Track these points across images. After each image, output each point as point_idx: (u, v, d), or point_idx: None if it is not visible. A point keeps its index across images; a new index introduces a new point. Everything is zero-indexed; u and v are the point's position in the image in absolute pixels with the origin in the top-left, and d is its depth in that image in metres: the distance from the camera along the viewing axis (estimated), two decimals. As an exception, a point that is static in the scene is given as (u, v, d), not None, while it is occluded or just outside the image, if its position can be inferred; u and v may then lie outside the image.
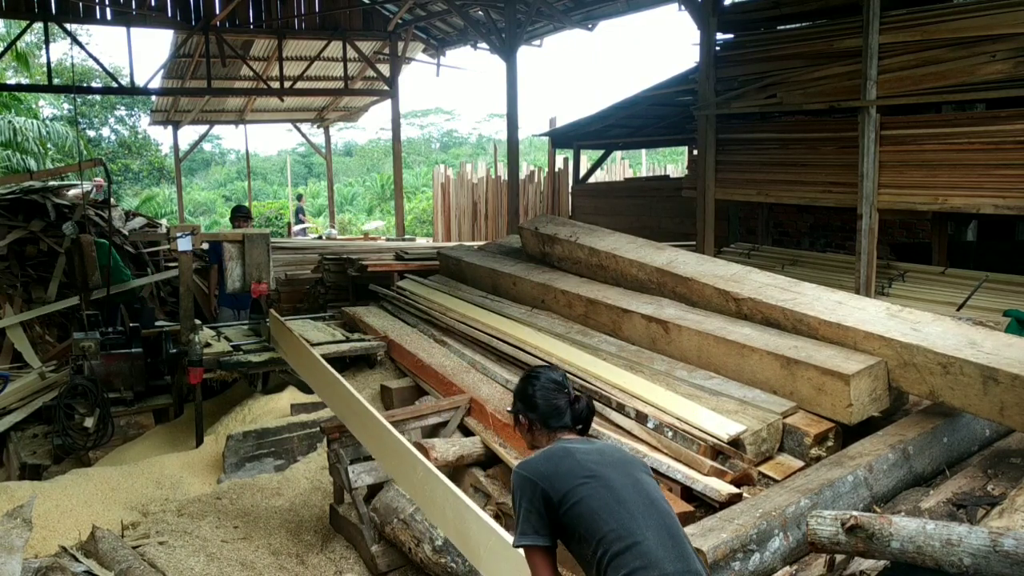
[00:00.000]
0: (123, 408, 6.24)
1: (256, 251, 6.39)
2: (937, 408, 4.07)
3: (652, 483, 2.24)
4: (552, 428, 2.39)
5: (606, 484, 2.14)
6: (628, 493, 2.13)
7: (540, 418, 2.41)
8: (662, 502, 2.18)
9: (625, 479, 2.17)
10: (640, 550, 2.02)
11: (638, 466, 2.29)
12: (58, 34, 17.02)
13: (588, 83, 60.61)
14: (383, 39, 15.19)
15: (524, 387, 2.48)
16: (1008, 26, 5.78)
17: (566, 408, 2.40)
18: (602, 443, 2.40)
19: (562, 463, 2.20)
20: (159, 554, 4.23)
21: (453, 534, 3.43)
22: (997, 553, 2.27)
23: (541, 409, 2.41)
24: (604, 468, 2.18)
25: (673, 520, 2.15)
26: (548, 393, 2.42)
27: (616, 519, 2.08)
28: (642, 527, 2.06)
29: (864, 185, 6.60)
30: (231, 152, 39.68)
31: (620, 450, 2.38)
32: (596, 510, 2.09)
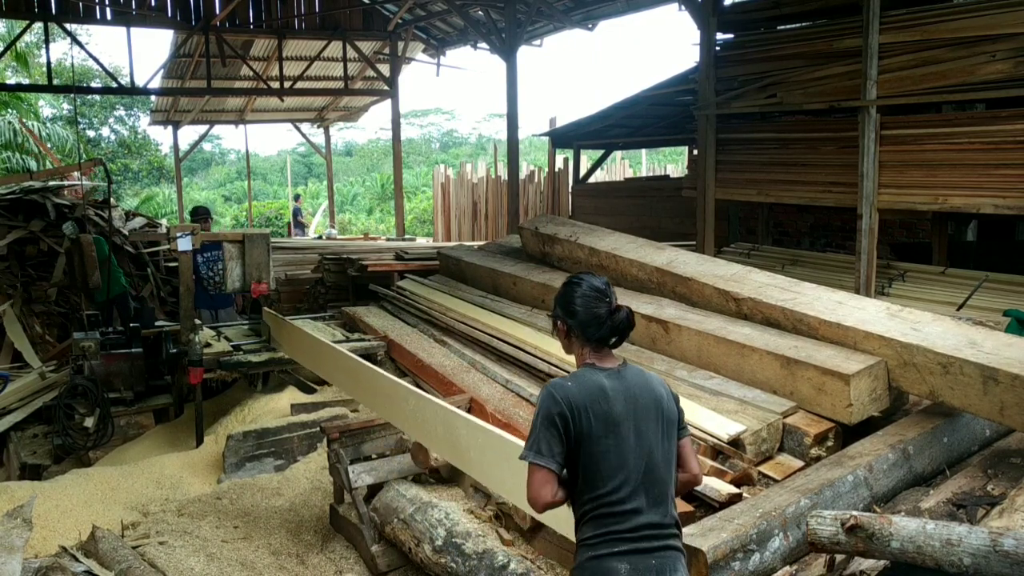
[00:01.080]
0: (123, 408, 6.24)
1: (256, 251, 6.39)
2: (937, 408, 4.07)
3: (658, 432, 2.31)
4: (589, 338, 2.37)
5: (619, 443, 2.23)
6: (634, 455, 2.24)
7: (579, 326, 2.37)
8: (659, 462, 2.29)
9: (637, 434, 2.26)
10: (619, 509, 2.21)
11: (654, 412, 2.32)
12: (58, 34, 17.01)
13: (588, 83, 60.66)
14: (383, 39, 15.19)
15: (566, 292, 2.43)
16: (1008, 26, 5.78)
17: (606, 317, 2.36)
18: (632, 375, 2.37)
19: (592, 402, 2.25)
20: (159, 554, 4.23)
21: (447, 450, 3.68)
22: (997, 553, 2.27)
23: (580, 316, 2.37)
24: (626, 419, 2.26)
25: (663, 479, 2.28)
26: (589, 301, 2.37)
27: (614, 480, 2.22)
28: (630, 491, 2.22)
29: (864, 185, 6.60)
30: (231, 152, 39.69)
31: (648, 389, 2.36)
32: (600, 467, 2.22)
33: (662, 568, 2.21)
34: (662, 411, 2.34)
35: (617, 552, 2.19)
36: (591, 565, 2.22)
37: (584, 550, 2.26)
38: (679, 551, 2.28)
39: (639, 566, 2.18)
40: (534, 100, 58.94)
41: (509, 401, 4.71)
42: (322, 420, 5.41)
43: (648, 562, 2.19)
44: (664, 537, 2.24)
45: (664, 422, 2.33)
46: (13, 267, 8.79)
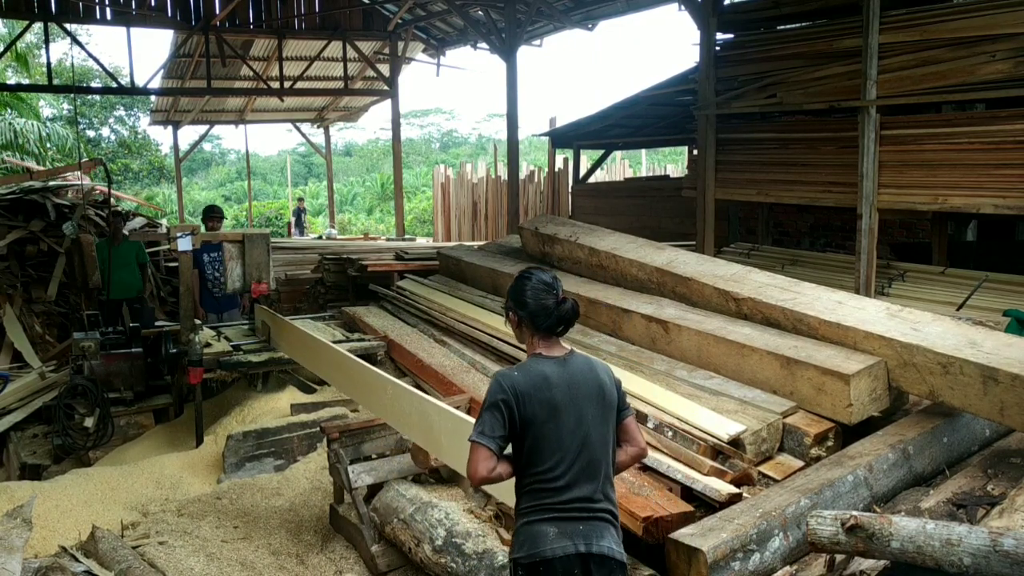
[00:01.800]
0: (123, 408, 6.24)
1: (256, 251, 6.39)
2: (937, 408, 4.06)
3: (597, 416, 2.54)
4: (538, 328, 2.59)
5: (558, 426, 2.49)
6: (569, 437, 2.49)
7: (529, 316, 2.59)
8: (599, 442, 2.54)
9: (575, 420, 2.51)
10: (553, 485, 2.47)
11: (596, 397, 2.56)
12: (58, 34, 17.01)
13: (588, 83, 60.65)
14: (383, 39, 15.19)
15: (517, 285, 2.65)
16: (1008, 26, 5.78)
17: (553, 308, 2.57)
18: (576, 363, 2.59)
19: (536, 389, 2.49)
20: (159, 554, 4.23)
21: (420, 435, 3.90)
22: (997, 553, 2.27)
23: (530, 307, 2.58)
24: (567, 404, 2.50)
25: (598, 458, 2.53)
26: (538, 293, 2.59)
27: (552, 459, 2.48)
28: (566, 469, 2.48)
29: (864, 185, 6.60)
30: (231, 152, 39.69)
31: (592, 375, 2.58)
32: (541, 448, 2.48)
33: (588, 533, 2.46)
34: (603, 397, 2.56)
35: (548, 519, 2.47)
36: (525, 530, 2.50)
37: (520, 518, 2.54)
38: (608, 521, 2.52)
39: (567, 530, 2.45)
40: (534, 100, 58.95)
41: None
42: (322, 420, 5.40)
43: (576, 527, 2.46)
44: (593, 510, 2.49)
45: (604, 407, 2.57)
46: (13, 267, 8.80)
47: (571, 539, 2.44)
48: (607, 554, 2.47)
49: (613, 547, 2.50)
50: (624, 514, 3.40)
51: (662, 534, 3.22)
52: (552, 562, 2.43)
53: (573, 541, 2.44)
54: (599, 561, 2.45)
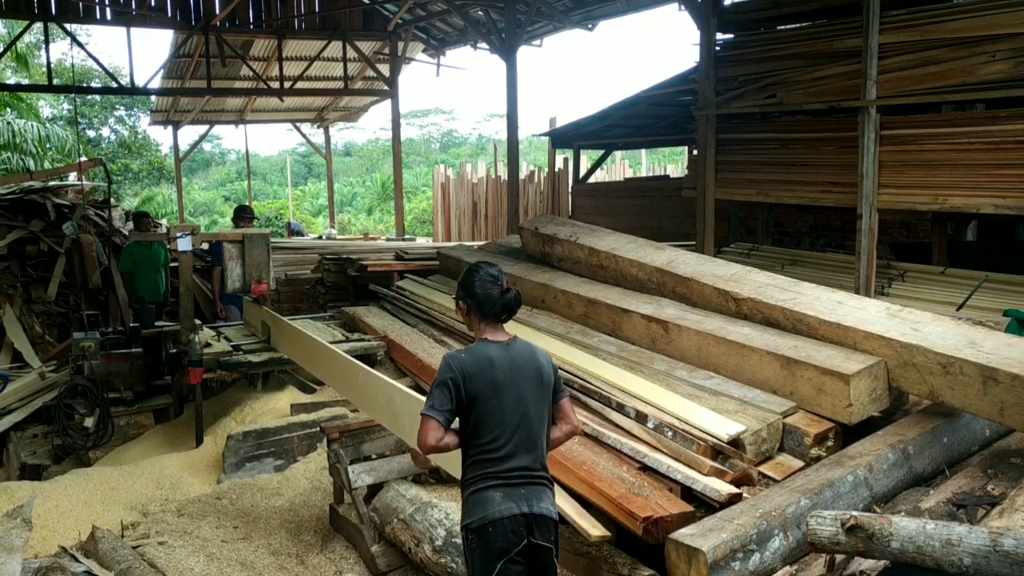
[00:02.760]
0: (123, 408, 6.25)
1: (256, 251, 6.40)
2: (937, 408, 4.06)
3: (535, 395, 2.83)
4: (485, 315, 2.88)
5: (500, 402, 2.76)
6: (510, 413, 2.77)
7: (476, 304, 2.88)
8: (537, 418, 2.82)
9: (515, 398, 2.78)
10: (497, 456, 2.75)
11: (534, 378, 2.85)
12: (58, 34, 17.01)
13: (588, 83, 60.63)
14: (383, 39, 15.19)
15: (467, 277, 2.94)
16: (1008, 26, 5.78)
17: (498, 297, 2.86)
18: (518, 347, 2.89)
19: (481, 369, 2.78)
20: (159, 554, 4.23)
21: (386, 418, 4.19)
22: (997, 553, 2.27)
23: (478, 296, 2.87)
24: (507, 384, 2.78)
25: (535, 432, 2.82)
26: (485, 284, 2.88)
27: (495, 432, 2.76)
28: (507, 441, 2.75)
29: (864, 185, 6.60)
30: (231, 152, 39.69)
31: (531, 359, 2.88)
32: (484, 421, 2.76)
33: (529, 496, 2.75)
34: (541, 378, 2.86)
35: (492, 485, 2.74)
36: (473, 498, 2.76)
37: (467, 487, 2.81)
38: (545, 486, 2.83)
39: (510, 494, 2.73)
40: (534, 100, 58.94)
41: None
42: (322, 420, 5.41)
43: (518, 492, 2.75)
44: (532, 476, 2.79)
45: (542, 387, 2.86)
46: (13, 267, 8.80)
47: (515, 502, 2.72)
48: (545, 514, 2.78)
49: (550, 508, 2.82)
50: (624, 514, 3.41)
51: (662, 534, 3.22)
52: (499, 522, 2.70)
53: (516, 504, 2.72)
54: (539, 520, 2.75)
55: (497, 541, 2.69)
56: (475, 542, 2.74)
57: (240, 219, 7.99)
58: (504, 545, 2.70)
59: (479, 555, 2.73)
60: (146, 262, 7.72)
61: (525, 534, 2.72)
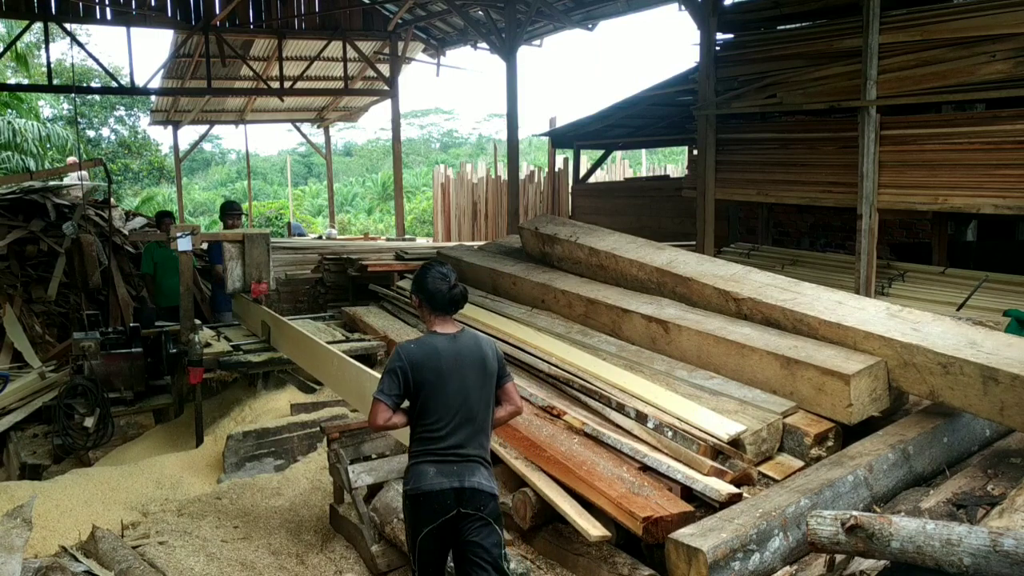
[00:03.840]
0: (123, 408, 6.24)
1: (256, 251, 6.39)
2: (937, 408, 4.06)
3: (478, 382, 3.14)
4: (434, 308, 3.22)
5: (443, 388, 3.09)
6: (453, 399, 3.09)
7: (427, 298, 3.22)
8: (478, 403, 3.14)
9: (458, 384, 3.10)
10: (436, 435, 3.09)
11: (478, 367, 3.16)
12: (58, 34, 17.00)
13: (588, 83, 60.63)
14: (383, 39, 15.18)
15: (419, 274, 3.29)
16: (1008, 26, 5.78)
17: (447, 292, 3.19)
18: (464, 339, 3.20)
19: (428, 359, 3.11)
20: (159, 554, 4.23)
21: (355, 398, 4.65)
22: (997, 553, 2.27)
23: (429, 291, 3.21)
24: (451, 372, 3.10)
25: (476, 416, 3.13)
26: (436, 280, 3.21)
27: (437, 415, 3.09)
28: (446, 423, 3.08)
29: (864, 185, 6.60)
30: (231, 152, 39.68)
31: (476, 349, 3.19)
32: (428, 405, 3.10)
33: (462, 472, 3.06)
34: (484, 367, 3.17)
35: (430, 461, 3.08)
36: (412, 469, 3.14)
37: (410, 459, 3.18)
38: (479, 463, 3.12)
39: (444, 470, 3.06)
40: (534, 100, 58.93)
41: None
42: (322, 420, 5.41)
43: (451, 468, 3.07)
44: (467, 455, 3.09)
45: (485, 375, 3.17)
46: (13, 267, 8.79)
47: (447, 477, 3.06)
48: (476, 487, 3.07)
49: (483, 482, 3.10)
50: (624, 514, 3.41)
51: (662, 534, 3.22)
52: (430, 494, 3.05)
53: (448, 479, 3.05)
54: (470, 493, 3.06)
55: (425, 511, 3.06)
56: (409, 506, 3.13)
57: (228, 216, 7.85)
58: (431, 515, 3.05)
59: (411, 519, 3.15)
60: (167, 264, 7.50)
61: (454, 505, 3.05)
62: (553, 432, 4.23)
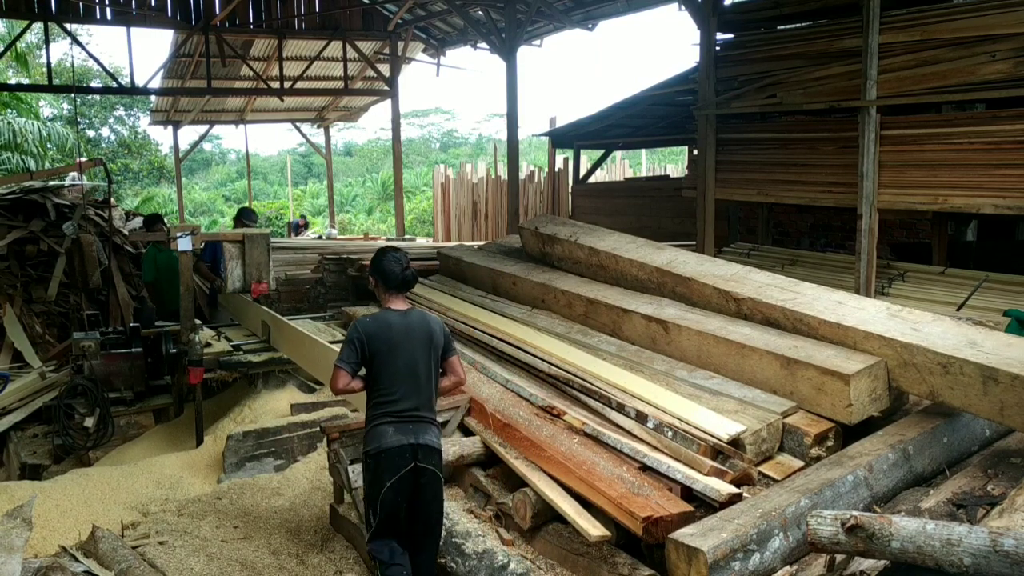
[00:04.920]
0: (123, 408, 6.25)
1: (256, 251, 6.39)
2: (937, 408, 4.06)
3: (424, 353, 3.60)
4: (388, 287, 3.70)
5: (394, 357, 3.54)
6: (403, 367, 3.54)
7: (382, 279, 3.70)
8: (425, 372, 3.59)
9: (407, 354, 3.55)
10: (392, 399, 3.52)
11: (425, 340, 3.62)
12: (58, 34, 17.00)
13: (588, 83, 60.66)
14: (383, 39, 15.19)
15: (376, 257, 3.76)
16: (1008, 26, 5.78)
17: (399, 273, 3.68)
18: (414, 315, 3.68)
19: (381, 331, 3.57)
20: (159, 554, 4.23)
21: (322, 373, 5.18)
22: (997, 553, 2.27)
23: (384, 272, 3.69)
24: (401, 343, 3.56)
25: (423, 382, 3.58)
26: (390, 263, 3.70)
27: (388, 381, 3.53)
28: (399, 388, 3.53)
29: (864, 185, 6.60)
30: (231, 152, 39.69)
31: (424, 325, 3.65)
32: (381, 372, 3.54)
33: (416, 431, 3.51)
34: (431, 341, 3.63)
35: (387, 422, 3.50)
36: (372, 431, 3.53)
37: (369, 423, 3.58)
38: (430, 423, 3.58)
39: (401, 428, 3.49)
40: (534, 100, 58.97)
41: (509, 400, 4.71)
42: (322, 420, 5.40)
43: (407, 427, 3.50)
44: (418, 416, 3.53)
45: (431, 348, 3.62)
46: (13, 267, 8.79)
47: (404, 435, 3.48)
48: (429, 444, 3.52)
49: (433, 440, 3.56)
50: (624, 514, 3.41)
51: (662, 534, 3.22)
52: (391, 450, 3.46)
53: (405, 436, 3.48)
54: (424, 449, 3.50)
55: (389, 465, 3.45)
56: (372, 464, 3.51)
57: (241, 222, 8.01)
58: (394, 469, 3.45)
59: (373, 476, 3.50)
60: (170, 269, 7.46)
61: (411, 459, 3.46)
62: (553, 432, 4.23)
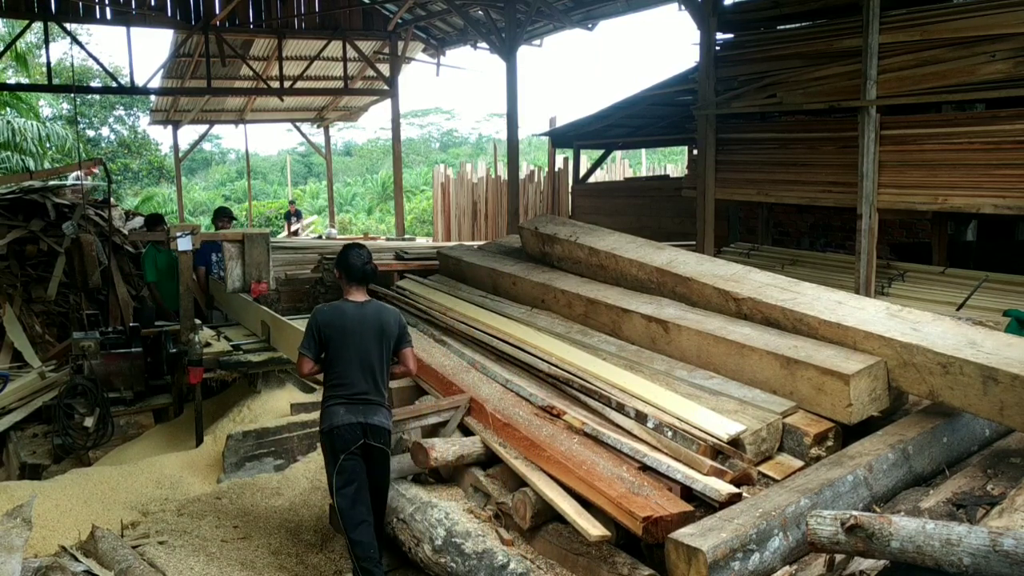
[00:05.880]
0: (123, 408, 6.24)
1: (256, 251, 6.39)
2: (937, 408, 4.06)
3: (375, 342, 3.95)
4: (349, 280, 4.05)
5: (345, 344, 3.91)
6: (353, 352, 3.91)
7: (345, 271, 4.05)
8: (376, 359, 3.94)
9: (359, 341, 3.91)
10: (344, 383, 3.90)
11: (377, 330, 3.96)
12: (58, 34, 17.00)
13: (588, 83, 60.67)
14: (383, 39, 15.19)
15: (342, 253, 4.11)
16: (1008, 26, 5.78)
17: (360, 267, 4.03)
18: (369, 307, 4.02)
19: (335, 320, 3.94)
20: (159, 554, 4.23)
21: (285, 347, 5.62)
22: (997, 553, 2.27)
23: (347, 266, 4.04)
24: (354, 331, 3.91)
25: (373, 368, 3.93)
26: (353, 258, 4.05)
27: (341, 365, 3.91)
28: (351, 373, 3.90)
29: (864, 185, 6.60)
30: (231, 152, 39.69)
31: (378, 316, 4.00)
32: (335, 358, 3.93)
33: (365, 411, 3.87)
34: (383, 331, 3.98)
35: (339, 403, 3.88)
36: (326, 411, 3.93)
37: (323, 403, 3.97)
38: (379, 405, 3.93)
39: (351, 409, 3.86)
40: (534, 100, 58.98)
41: (509, 400, 4.71)
42: (322, 420, 5.39)
43: (357, 408, 3.86)
44: (368, 399, 3.89)
45: (383, 338, 3.97)
46: (13, 267, 8.79)
47: (354, 415, 3.84)
48: (377, 424, 3.88)
49: (382, 420, 3.92)
50: (624, 514, 3.40)
51: (662, 534, 3.22)
52: (342, 427, 3.83)
53: (355, 416, 3.84)
54: (373, 429, 3.87)
55: (340, 441, 3.82)
56: (326, 442, 3.91)
57: (220, 220, 8.10)
58: (345, 444, 3.82)
59: (329, 452, 3.89)
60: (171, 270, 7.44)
61: (360, 437, 3.83)
62: (553, 432, 4.23)
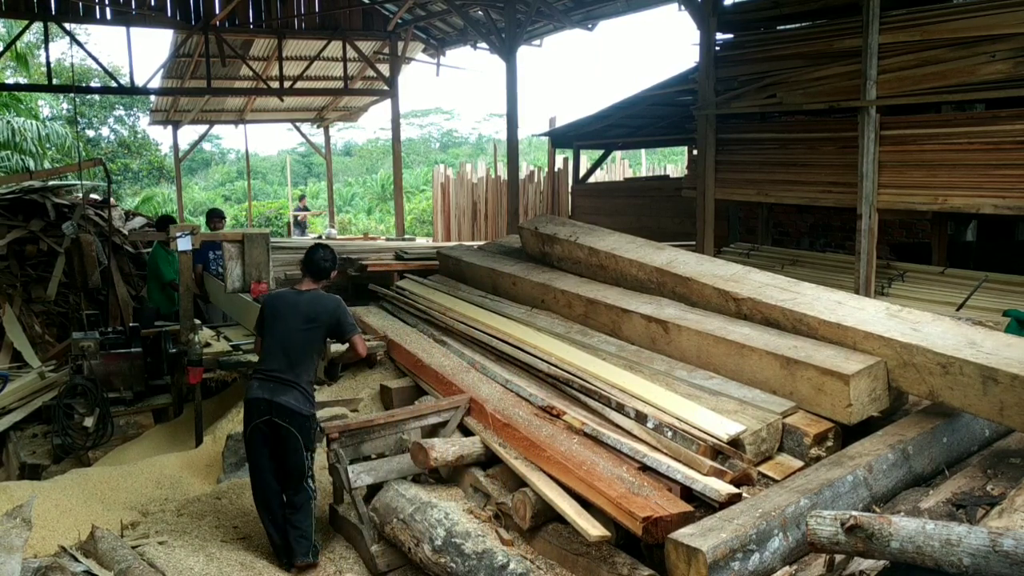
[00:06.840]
0: (123, 408, 6.24)
1: (256, 251, 6.38)
2: (937, 408, 4.06)
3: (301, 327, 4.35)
4: (304, 272, 4.59)
5: (275, 326, 4.37)
6: (281, 334, 4.34)
7: (304, 264, 4.57)
8: (298, 343, 4.33)
9: (289, 325, 4.34)
10: (263, 361, 4.39)
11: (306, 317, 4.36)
12: (57, 34, 17.00)
13: (588, 83, 60.62)
14: (383, 39, 15.18)
15: (308, 250, 4.60)
16: (1008, 26, 5.78)
17: (313, 260, 4.52)
18: (307, 296, 4.46)
19: (272, 304, 4.49)
20: (158, 554, 4.22)
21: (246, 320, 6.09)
22: (996, 553, 2.27)
23: (305, 260, 4.56)
24: (284, 315, 4.38)
25: (297, 350, 4.32)
26: (311, 253, 4.56)
27: (266, 345, 4.39)
28: (271, 352, 4.34)
29: (864, 185, 6.60)
30: (231, 152, 39.66)
31: (312, 305, 4.42)
32: (265, 337, 4.42)
33: (276, 389, 4.22)
34: (315, 319, 4.37)
35: (256, 379, 4.33)
36: (248, 383, 4.40)
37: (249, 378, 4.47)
38: (292, 387, 4.24)
39: (263, 385, 4.26)
40: (534, 100, 58.95)
41: (508, 400, 4.71)
42: (322, 420, 5.39)
43: (268, 385, 4.25)
44: (282, 379, 4.24)
45: (312, 325, 4.36)
46: (13, 267, 8.79)
47: (263, 391, 4.23)
48: (282, 403, 4.19)
49: (291, 401, 4.21)
50: (624, 514, 3.41)
51: (662, 534, 3.22)
52: (251, 400, 4.27)
53: (264, 392, 4.23)
54: (278, 406, 4.19)
55: (248, 412, 4.28)
56: (244, 410, 4.32)
57: (212, 220, 8.16)
58: (250, 417, 4.25)
59: (244, 419, 4.32)
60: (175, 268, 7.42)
61: (266, 412, 4.19)
62: (553, 432, 4.23)
